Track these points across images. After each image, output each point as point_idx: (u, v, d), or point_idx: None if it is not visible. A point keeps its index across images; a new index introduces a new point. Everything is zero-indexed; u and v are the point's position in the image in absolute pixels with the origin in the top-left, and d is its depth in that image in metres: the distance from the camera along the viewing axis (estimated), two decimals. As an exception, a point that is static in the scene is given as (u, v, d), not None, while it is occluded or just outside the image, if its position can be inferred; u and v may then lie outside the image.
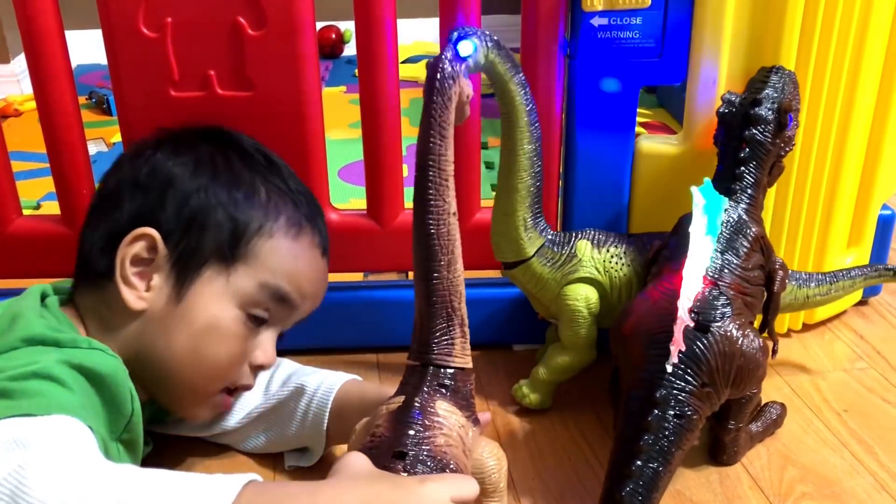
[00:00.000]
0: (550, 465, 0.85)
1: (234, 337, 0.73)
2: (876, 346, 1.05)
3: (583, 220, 0.96)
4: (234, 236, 0.72)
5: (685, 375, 0.73)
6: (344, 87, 2.14)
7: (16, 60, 2.14)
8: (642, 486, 0.70)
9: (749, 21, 0.89)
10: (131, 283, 0.71)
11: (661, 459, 0.71)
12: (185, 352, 0.72)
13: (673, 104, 1.78)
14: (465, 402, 0.66)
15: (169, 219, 0.71)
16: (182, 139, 0.77)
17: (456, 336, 0.66)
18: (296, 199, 0.78)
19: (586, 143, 0.93)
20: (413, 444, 0.59)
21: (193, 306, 0.71)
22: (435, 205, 0.64)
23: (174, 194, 0.72)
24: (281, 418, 0.83)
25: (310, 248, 0.78)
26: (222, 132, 0.81)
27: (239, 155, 0.77)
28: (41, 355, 0.61)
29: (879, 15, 0.91)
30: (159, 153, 0.75)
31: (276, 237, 0.74)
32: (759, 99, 0.84)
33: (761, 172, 0.84)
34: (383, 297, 1.02)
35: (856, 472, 0.84)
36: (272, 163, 0.79)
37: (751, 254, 0.81)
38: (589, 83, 0.91)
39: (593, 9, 0.87)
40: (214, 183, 0.73)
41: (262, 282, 0.73)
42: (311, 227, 0.78)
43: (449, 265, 0.65)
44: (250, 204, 0.74)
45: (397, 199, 0.97)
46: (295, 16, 0.87)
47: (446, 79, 0.63)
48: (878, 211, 1.05)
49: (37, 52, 0.87)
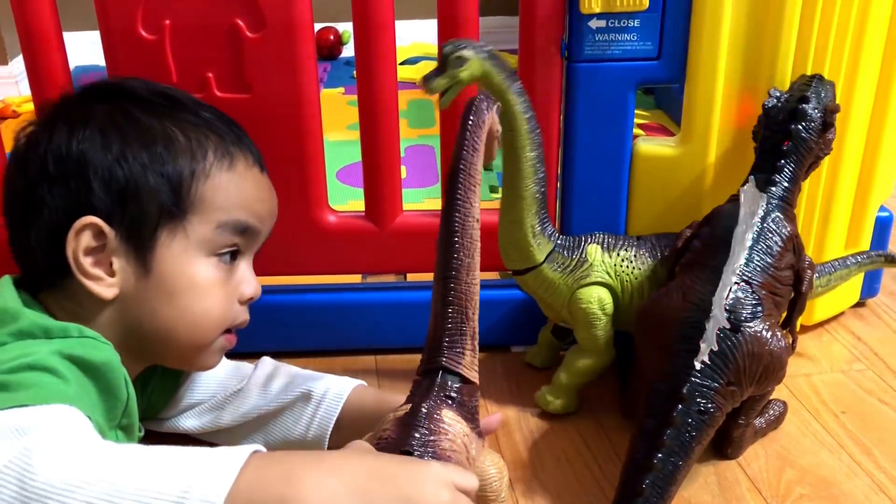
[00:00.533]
0: (550, 468, 0.85)
1: (214, 285, 0.72)
2: (873, 348, 1.05)
3: (581, 221, 0.96)
4: (173, 192, 0.69)
5: (712, 373, 0.74)
6: (342, 89, 2.14)
7: (14, 62, 2.14)
8: (662, 480, 0.71)
9: (746, 23, 0.89)
10: (92, 275, 0.68)
11: (681, 454, 0.72)
12: (174, 318, 0.71)
13: (671, 106, 1.78)
14: (470, 415, 0.66)
15: (101, 199, 0.68)
16: (72, 111, 0.71)
17: (466, 347, 0.67)
18: (213, 127, 0.74)
19: (585, 145, 0.93)
20: (419, 446, 0.60)
21: (164, 273, 0.70)
22: (462, 206, 0.66)
23: (95, 173, 0.68)
24: (284, 423, 0.83)
25: (247, 169, 0.74)
26: (108, 85, 0.75)
27: (138, 106, 0.72)
28: (33, 347, 0.61)
29: (877, 16, 0.91)
30: (55, 136, 0.69)
31: (213, 175, 0.71)
32: (806, 96, 0.85)
33: (800, 169, 0.85)
34: (381, 300, 1.02)
35: (854, 473, 0.84)
36: (173, 100, 0.74)
37: (784, 253, 0.81)
38: (587, 85, 0.91)
39: (591, 11, 0.87)
40: (128, 146, 0.69)
41: (218, 223, 0.71)
42: (239, 149, 0.74)
43: (468, 269, 0.66)
44: (173, 153, 0.70)
45: (395, 200, 0.97)
46: (293, 17, 0.87)
47: (483, 104, 0.70)
48: (875, 212, 1.05)
49: (35, 54, 0.87)
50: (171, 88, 0.76)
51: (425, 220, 0.99)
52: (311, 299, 1.01)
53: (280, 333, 1.00)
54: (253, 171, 0.75)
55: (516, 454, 0.87)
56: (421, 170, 1.56)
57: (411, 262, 1.01)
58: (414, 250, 0.99)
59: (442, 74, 0.77)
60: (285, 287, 1.02)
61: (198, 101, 0.77)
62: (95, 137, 0.69)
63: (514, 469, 0.85)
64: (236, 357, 1.02)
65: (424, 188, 1.47)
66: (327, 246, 0.98)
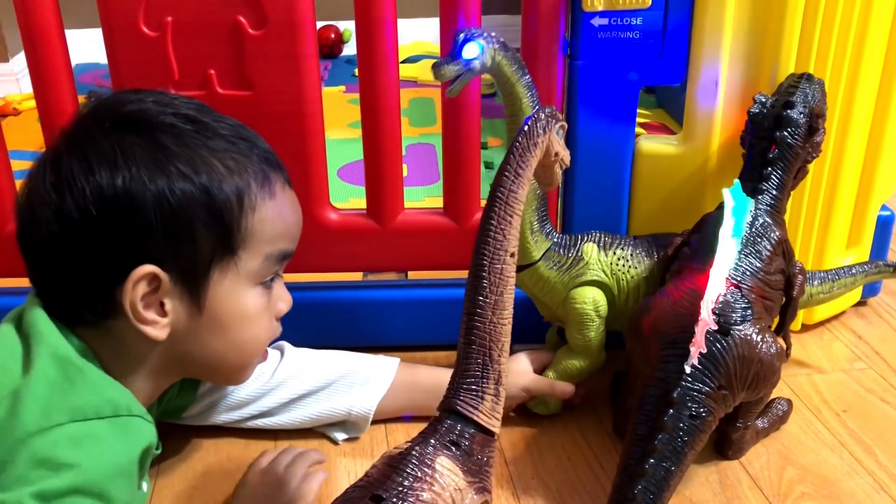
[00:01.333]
0: (550, 465, 0.85)
1: (262, 312, 0.73)
2: (875, 347, 1.05)
3: (582, 220, 0.96)
4: (225, 230, 0.68)
5: (703, 377, 0.73)
6: (343, 87, 2.14)
7: (15, 59, 2.14)
8: (654, 485, 0.71)
9: (749, 22, 0.89)
10: (148, 320, 0.66)
11: (674, 459, 0.72)
12: (224, 349, 0.71)
13: (673, 105, 1.78)
14: (477, 467, 0.61)
15: (154, 243, 0.65)
16: (104, 145, 0.65)
17: (488, 391, 0.62)
18: (242, 148, 0.70)
19: (586, 144, 0.93)
20: (395, 493, 0.56)
21: (216, 309, 0.69)
22: (494, 238, 0.61)
23: (145, 216, 0.64)
24: (331, 396, 0.88)
25: (283, 192, 0.73)
26: (121, 116, 0.68)
27: (170, 136, 0.67)
28: (87, 448, 0.60)
29: (879, 16, 0.91)
30: (94, 174, 0.64)
31: (259, 207, 0.69)
32: (791, 101, 0.84)
33: (788, 175, 0.85)
34: (383, 297, 1.02)
35: (855, 472, 0.84)
36: (197, 122, 0.69)
37: (773, 257, 0.81)
38: (589, 83, 0.91)
39: (594, 9, 0.87)
40: (174, 184, 0.65)
41: (266, 255, 0.71)
42: (271, 168, 0.72)
43: (495, 306, 0.61)
44: (216, 184, 0.67)
45: (397, 198, 0.97)
46: (295, 15, 0.87)
47: (537, 124, 0.64)
48: (877, 212, 1.05)
49: (37, 51, 0.87)
50: (187, 106, 0.71)
51: (426, 218, 0.99)
52: (312, 297, 1.01)
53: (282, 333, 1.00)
54: (287, 193, 0.74)
55: (516, 450, 0.87)
56: (422, 168, 1.56)
57: (412, 259, 1.01)
58: (415, 248, 0.99)
59: (453, 62, 0.77)
60: (287, 285, 1.01)
61: (219, 116, 0.72)
62: (139, 177, 0.64)
63: (514, 465, 0.85)
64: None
65: (425, 186, 1.47)
66: (329, 244, 0.98)
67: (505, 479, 0.83)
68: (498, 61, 0.77)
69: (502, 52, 0.77)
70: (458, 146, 0.95)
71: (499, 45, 0.77)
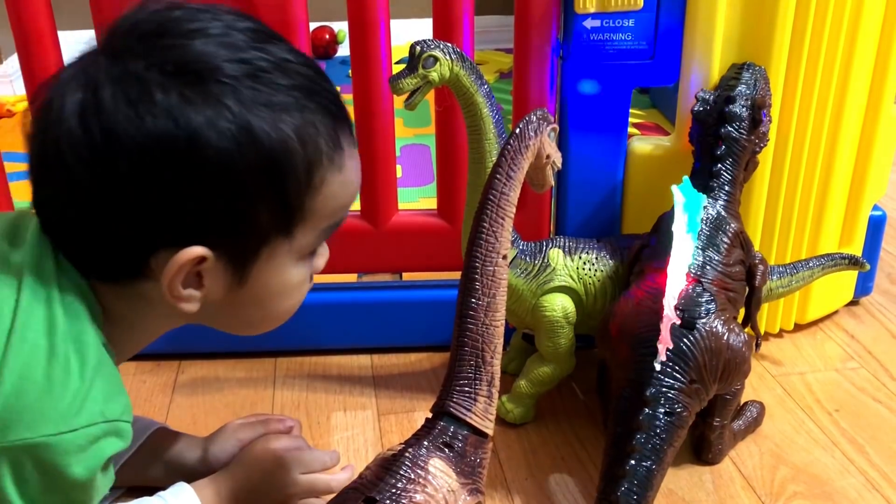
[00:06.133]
0: (543, 464, 0.86)
1: (304, 282, 0.66)
2: (867, 346, 1.05)
3: (576, 221, 0.96)
4: (286, 211, 0.60)
5: (673, 373, 0.74)
6: (337, 88, 2.13)
7: (8, 61, 2.13)
8: (637, 486, 0.71)
9: (740, 23, 0.89)
10: (184, 297, 0.60)
11: (653, 458, 0.72)
12: (259, 319, 0.66)
13: (666, 105, 1.78)
14: (470, 469, 0.61)
15: (206, 218, 0.58)
16: (148, 97, 0.55)
17: (480, 393, 0.62)
18: (315, 89, 0.61)
19: (579, 145, 0.94)
20: (388, 495, 0.57)
21: (259, 283, 0.62)
22: (486, 240, 0.61)
23: (203, 184, 0.56)
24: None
25: (350, 159, 0.63)
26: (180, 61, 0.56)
27: (230, 89, 0.56)
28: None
29: (870, 15, 0.91)
30: (144, 128, 0.54)
31: (327, 180, 0.61)
32: (732, 96, 0.85)
33: (737, 169, 0.85)
34: (377, 299, 1.02)
35: (847, 471, 0.84)
36: (264, 74, 0.58)
37: (731, 249, 0.82)
38: (581, 85, 0.91)
39: (586, 11, 0.87)
40: (242, 150, 0.56)
41: (322, 229, 0.63)
42: (340, 126, 0.62)
43: (487, 309, 0.62)
44: (287, 159, 0.58)
45: (391, 200, 0.97)
46: (288, 16, 0.87)
47: (528, 126, 0.64)
48: (869, 211, 1.05)
49: (30, 53, 0.87)
50: (246, 44, 0.59)
51: (420, 219, 0.99)
52: (306, 298, 1.01)
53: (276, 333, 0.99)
54: (353, 157, 0.64)
55: (510, 449, 0.87)
56: (416, 169, 1.56)
57: (406, 261, 1.01)
58: (409, 249, 0.99)
59: (411, 75, 0.77)
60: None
61: (280, 57, 0.61)
62: (197, 139, 0.55)
63: (508, 464, 0.85)
64: (233, 357, 1.02)
65: (419, 187, 1.47)
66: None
67: (499, 479, 0.84)
68: (456, 72, 0.78)
69: (460, 63, 0.78)
70: (452, 147, 0.95)
71: (456, 55, 0.77)
